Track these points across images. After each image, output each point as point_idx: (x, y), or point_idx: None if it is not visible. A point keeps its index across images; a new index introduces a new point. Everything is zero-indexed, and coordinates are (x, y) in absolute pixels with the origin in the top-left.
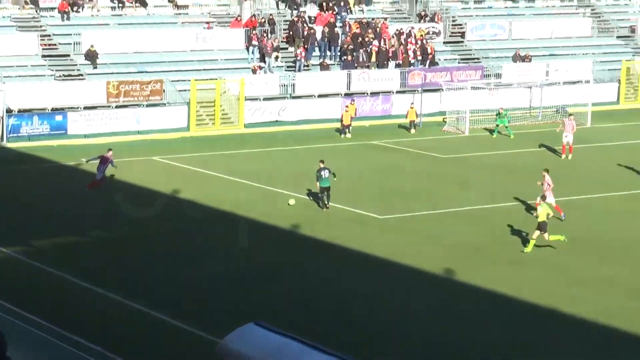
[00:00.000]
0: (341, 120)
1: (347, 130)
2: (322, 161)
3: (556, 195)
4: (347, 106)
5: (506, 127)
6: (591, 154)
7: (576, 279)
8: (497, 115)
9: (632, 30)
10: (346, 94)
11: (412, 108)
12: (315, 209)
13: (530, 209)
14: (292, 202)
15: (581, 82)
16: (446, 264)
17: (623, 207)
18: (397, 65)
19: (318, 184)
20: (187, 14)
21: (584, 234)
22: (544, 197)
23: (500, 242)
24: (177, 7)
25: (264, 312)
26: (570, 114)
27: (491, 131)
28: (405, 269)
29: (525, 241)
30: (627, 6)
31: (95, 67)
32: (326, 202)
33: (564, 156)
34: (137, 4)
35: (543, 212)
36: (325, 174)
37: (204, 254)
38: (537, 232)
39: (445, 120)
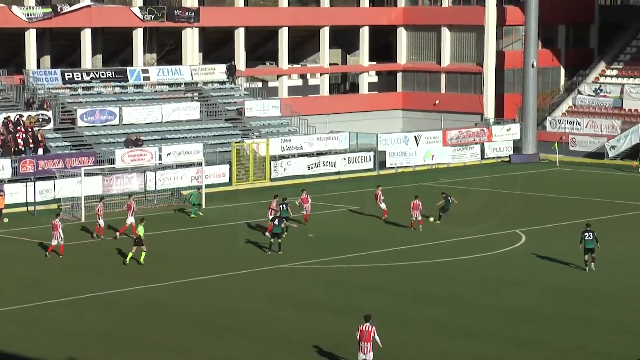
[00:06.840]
0: None
1: None
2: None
3: (176, 277)
4: None
5: (193, 205)
6: (205, 235)
7: None
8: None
9: (240, 112)
10: None
11: (0, 196)
12: None
13: (165, 289)
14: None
15: (194, 164)
16: (71, 353)
17: (239, 286)
18: (7, 154)
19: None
20: None
21: (205, 315)
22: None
23: (125, 327)
24: None
25: None
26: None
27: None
28: None
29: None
30: (233, 90)
31: None
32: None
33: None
34: None
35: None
36: None
37: None
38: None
39: (60, 208)
